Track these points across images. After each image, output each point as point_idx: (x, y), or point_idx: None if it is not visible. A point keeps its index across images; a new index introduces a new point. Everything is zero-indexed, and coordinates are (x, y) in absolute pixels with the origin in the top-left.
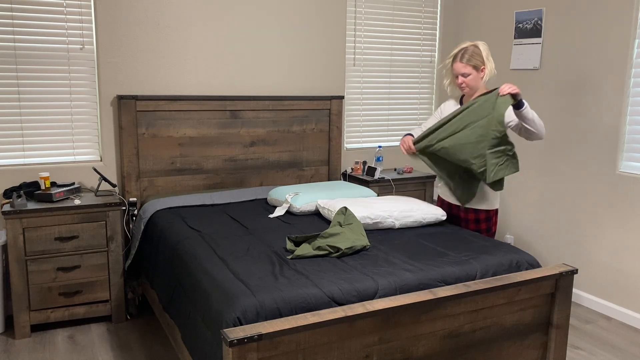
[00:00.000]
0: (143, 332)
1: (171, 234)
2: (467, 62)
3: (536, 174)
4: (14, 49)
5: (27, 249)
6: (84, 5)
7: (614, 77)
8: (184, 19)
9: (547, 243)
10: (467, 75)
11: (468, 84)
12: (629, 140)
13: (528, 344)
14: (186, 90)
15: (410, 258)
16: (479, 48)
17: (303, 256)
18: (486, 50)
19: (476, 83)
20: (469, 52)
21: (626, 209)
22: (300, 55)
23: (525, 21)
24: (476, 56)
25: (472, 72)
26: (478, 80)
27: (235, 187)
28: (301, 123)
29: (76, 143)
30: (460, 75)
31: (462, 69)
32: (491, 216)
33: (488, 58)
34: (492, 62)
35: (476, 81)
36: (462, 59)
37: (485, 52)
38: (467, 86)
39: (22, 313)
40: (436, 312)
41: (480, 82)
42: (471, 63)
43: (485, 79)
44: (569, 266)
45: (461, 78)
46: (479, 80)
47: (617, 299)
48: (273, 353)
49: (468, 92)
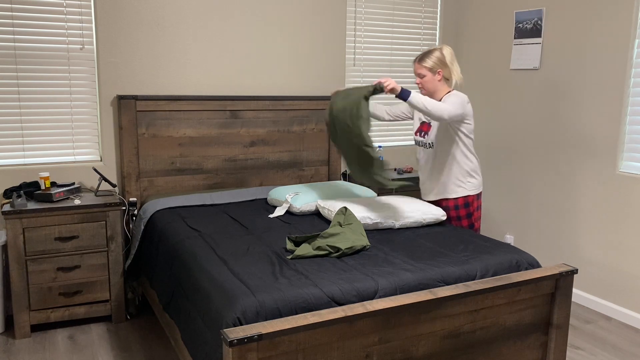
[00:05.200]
0: (143, 332)
1: (171, 234)
2: (423, 63)
3: (536, 174)
4: (14, 49)
5: (27, 249)
6: (84, 5)
7: (614, 77)
8: (184, 19)
9: (547, 243)
10: (423, 77)
11: (423, 85)
12: (629, 140)
13: (528, 344)
14: (186, 90)
15: (410, 258)
16: (442, 52)
17: (303, 256)
18: (449, 55)
19: (432, 85)
20: (427, 54)
21: (626, 209)
22: (300, 55)
23: (525, 21)
24: (434, 59)
25: (427, 74)
26: (434, 83)
27: (235, 187)
28: (301, 123)
29: (76, 143)
30: (417, 75)
31: (417, 69)
32: (470, 202)
33: (452, 63)
34: (457, 68)
35: (432, 83)
36: (419, 60)
37: (449, 57)
38: (423, 87)
39: (22, 313)
40: (436, 312)
41: (438, 84)
42: (426, 65)
43: (450, 83)
44: (569, 266)
45: (418, 79)
46: (435, 83)
47: (617, 299)
48: (273, 353)
49: (426, 93)
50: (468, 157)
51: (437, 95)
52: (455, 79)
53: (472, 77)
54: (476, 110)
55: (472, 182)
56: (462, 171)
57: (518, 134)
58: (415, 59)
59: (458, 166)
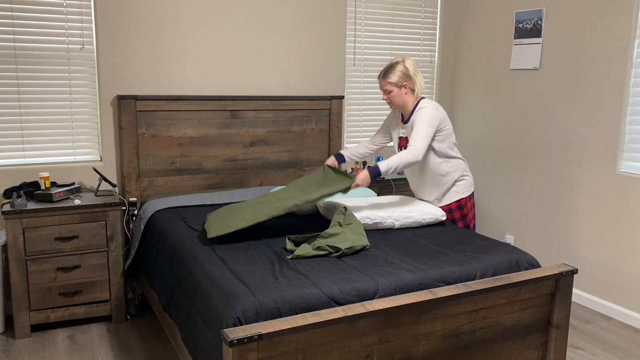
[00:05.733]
0: (143, 332)
1: (171, 234)
2: (387, 79)
3: (536, 174)
4: (14, 49)
5: (27, 249)
6: (84, 5)
7: (614, 77)
8: (184, 19)
9: (547, 243)
10: (389, 92)
11: (391, 100)
12: (629, 140)
13: (528, 344)
14: (186, 90)
15: (410, 258)
16: (404, 65)
17: (303, 256)
18: (412, 67)
19: (400, 99)
20: (390, 69)
21: (626, 209)
22: (300, 55)
23: (525, 21)
24: (398, 73)
25: (394, 89)
26: (401, 97)
27: (235, 187)
28: (301, 123)
29: (76, 143)
30: (383, 92)
31: (382, 85)
32: (463, 204)
33: (415, 74)
34: (421, 78)
35: (399, 97)
36: (383, 76)
37: (412, 69)
38: (391, 103)
39: (22, 313)
40: (436, 312)
41: (405, 97)
42: (391, 80)
43: (415, 94)
44: (569, 266)
45: (384, 95)
46: (402, 97)
47: (617, 299)
48: (273, 353)
49: (395, 107)
50: (452, 162)
51: (407, 108)
52: (419, 89)
53: (472, 77)
54: (476, 110)
55: (463, 185)
56: (450, 178)
57: (518, 134)
58: (379, 75)
59: (445, 175)
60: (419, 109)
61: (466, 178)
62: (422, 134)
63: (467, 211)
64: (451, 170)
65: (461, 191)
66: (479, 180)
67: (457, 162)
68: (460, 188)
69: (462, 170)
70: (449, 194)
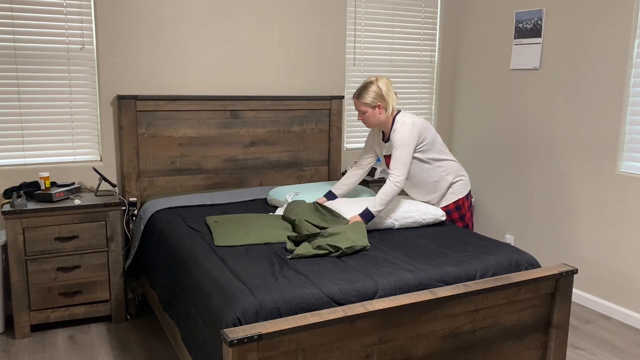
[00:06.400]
0: (143, 332)
1: (171, 234)
2: (361, 100)
3: (536, 174)
4: (14, 49)
5: (27, 249)
6: (84, 5)
7: (614, 77)
8: (184, 19)
9: (547, 243)
10: (364, 113)
11: (365, 121)
12: (629, 140)
13: (528, 344)
14: (186, 90)
15: (410, 258)
16: (377, 85)
17: (303, 256)
18: (385, 87)
19: (375, 119)
20: (364, 90)
21: (626, 209)
22: (301, 55)
23: (525, 21)
24: (371, 94)
25: (368, 110)
26: (376, 117)
27: (235, 187)
28: (301, 123)
29: (76, 143)
30: (358, 112)
31: (357, 106)
32: (461, 204)
33: (388, 94)
34: (394, 97)
35: (374, 118)
36: (357, 97)
37: (385, 89)
38: (366, 123)
39: (22, 313)
40: (436, 312)
41: (380, 117)
42: (365, 101)
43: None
44: (569, 266)
45: (359, 115)
46: (377, 117)
47: (617, 299)
48: (273, 353)
49: (371, 127)
50: (444, 166)
51: (385, 126)
52: (391, 109)
53: (472, 77)
54: (476, 110)
55: (459, 186)
56: (445, 183)
57: (518, 134)
58: (354, 95)
59: (439, 181)
60: (394, 131)
61: (462, 179)
62: (400, 161)
63: (465, 211)
64: (444, 174)
65: (458, 192)
66: (479, 180)
67: (449, 165)
68: (456, 189)
69: (455, 172)
70: (447, 196)
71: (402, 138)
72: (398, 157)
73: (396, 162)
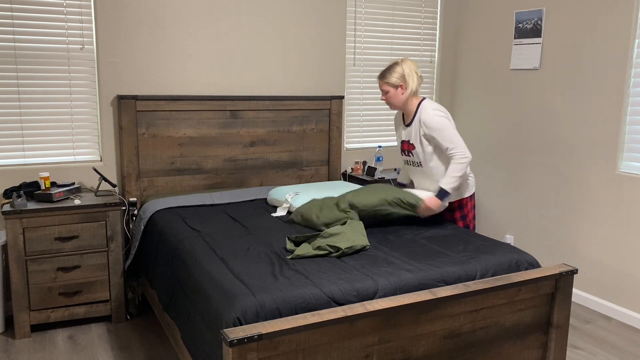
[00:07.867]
0: (143, 332)
1: (171, 234)
2: (385, 80)
3: (536, 174)
4: (14, 49)
5: (27, 249)
6: (84, 5)
7: (613, 77)
8: (184, 19)
9: (547, 243)
10: (387, 92)
11: (388, 100)
12: (629, 140)
13: (528, 344)
14: (186, 90)
15: (410, 258)
16: (402, 67)
17: (303, 256)
18: (408, 68)
19: (397, 100)
20: (388, 70)
21: (626, 209)
22: (301, 55)
23: (525, 21)
24: (396, 74)
25: (390, 90)
26: (399, 97)
27: (235, 187)
28: (301, 123)
29: (76, 143)
30: (381, 91)
31: (380, 86)
32: (464, 204)
33: (410, 75)
34: (415, 79)
35: (396, 98)
36: (381, 77)
37: (408, 70)
38: (388, 103)
39: (22, 313)
40: (436, 312)
41: (403, 98)
42: (388, 81)
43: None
44: (569, 266)
45: (382, 95)
46: (399, 97)
47: (617, 299)
48: (273, 353)
49: (393, 108)
50: None
51: (409, 107)
52: (412, 90)
53: (472, 77)
54: (476, 110)
55: (466, 184)
56: None
57: (518, 134)
58: (378, 76)
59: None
60: (427, 119)
61: (470, 179)
62: (452, 137)
63: (468, 211)
64: None
65: (463, 190)
66: (479, 180)
67: None
68: (463, 187)
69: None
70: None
71: (437, 122)
72: (447, 138)
73: (450, 143)
